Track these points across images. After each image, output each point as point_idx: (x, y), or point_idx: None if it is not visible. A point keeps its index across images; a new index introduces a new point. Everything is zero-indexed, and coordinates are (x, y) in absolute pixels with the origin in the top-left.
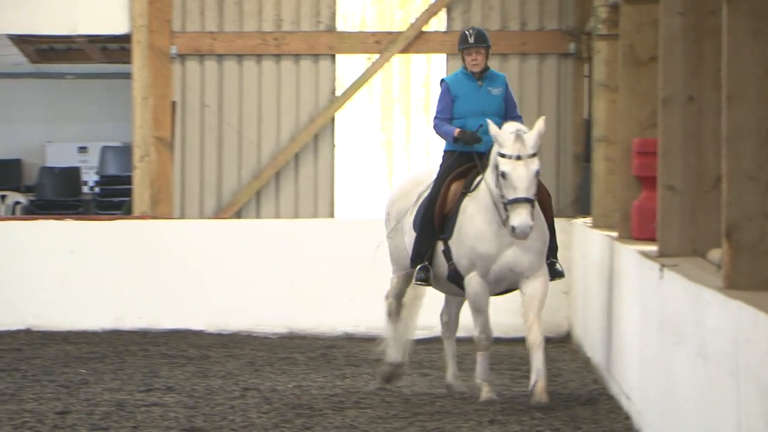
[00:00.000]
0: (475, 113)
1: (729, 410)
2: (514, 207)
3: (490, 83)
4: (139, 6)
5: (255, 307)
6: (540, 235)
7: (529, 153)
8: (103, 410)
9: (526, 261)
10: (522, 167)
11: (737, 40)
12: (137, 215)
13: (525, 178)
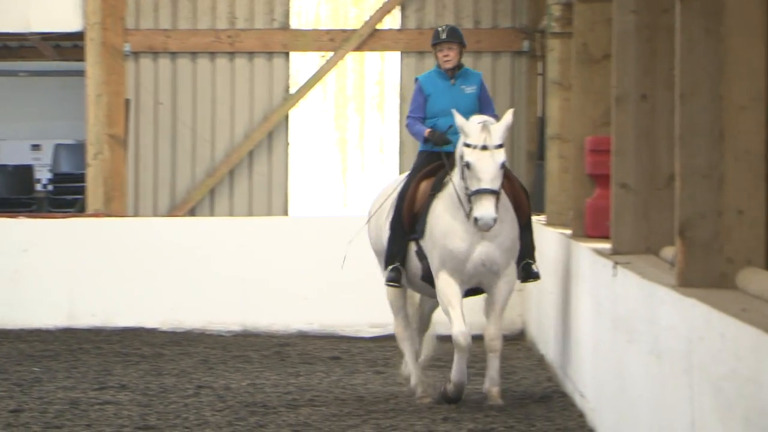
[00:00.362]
0: (447, 112)
1: (683, 408)
2: (478, 198)
3: (464, 81)
4: (93, 3)
5: (209, 305)
6: (510, 231)
7: (495, 143)
8: (57, 408)
9: (497, 257)
10: (487, 158)
11: (690, 38)
12: (91, 213)
13: (490, 168)
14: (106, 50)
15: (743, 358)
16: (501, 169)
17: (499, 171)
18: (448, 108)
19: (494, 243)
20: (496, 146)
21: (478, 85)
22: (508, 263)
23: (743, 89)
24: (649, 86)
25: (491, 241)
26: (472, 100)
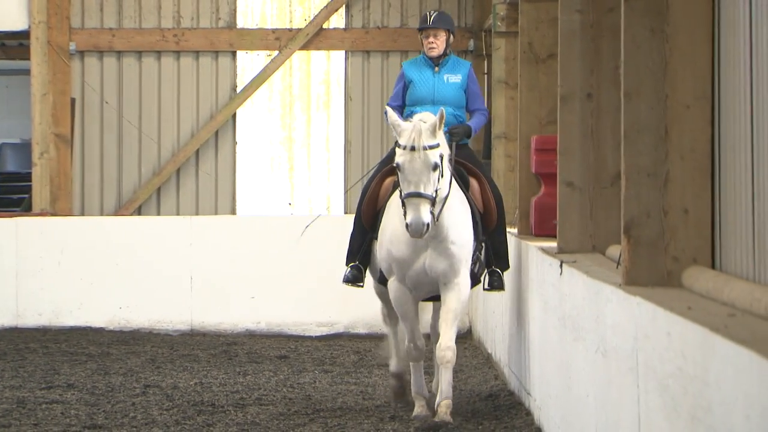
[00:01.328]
0: (426, 101)
1: (629, 405)
2: (409, 202)
3: (449, 70)
4: (38, 2)
5: (156, 305)
6: (457, 237)
7: (425, 144)
8: (4, 408)
9: (441, 266)
10: (417, 159)
11: (635, 37)
12: (37, 212)
13: (419, 171)
14: (51, 49)
15: (689, 356)
16: (433, 171)
17: (430, 173)
18: (427, 97)
19: (438, 250)
20: (427, 147)
21: (464, 75)
22: (456, 271)
23: (688, 88)
24: (594, 85)
25: (435, 248)
26: (454, 90)
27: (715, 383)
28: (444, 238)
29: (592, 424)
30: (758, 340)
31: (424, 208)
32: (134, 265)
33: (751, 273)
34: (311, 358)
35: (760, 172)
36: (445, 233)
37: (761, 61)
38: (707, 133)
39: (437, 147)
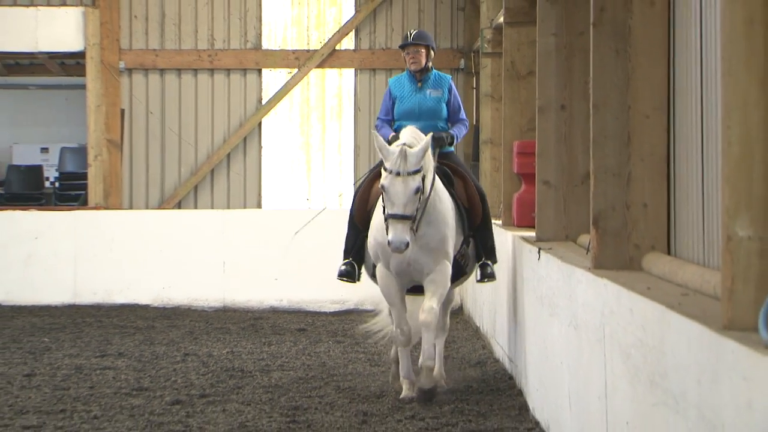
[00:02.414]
0: (412, 116)
1: (597, 372)
2: (391, 222)
3: (431, 86)
4: (92, 27)
5: (193, 285)
6: (436, 233)
7: (409, 170)
8: (64, 373)
9: (423, 259)
10: (400, 184)
11: (602, 57)
12: (92, 206)
13: (402, 194)
14: (103, 67)
15: (648, 329)
16: (415, 194)
17: (412, 197)
18: (412, 111)
19: (419, 243)
20: (410, 172)
21: (445, 89)
22: (436, 261)
23: (647, 100)
24: (567, 98)
25: (420, 239)
26: (436, 104)
27: (671, 353)
28: (425, 235)
29: (566, 387)
30: (707, 316)
31: (404, 228)
32: (175, 251)
33: (701, 258)
34: (326, 331)
35: (709, 172)
36: (426, 231)
37: (710, 77)
38: (664, 139)
39: (419, 172)
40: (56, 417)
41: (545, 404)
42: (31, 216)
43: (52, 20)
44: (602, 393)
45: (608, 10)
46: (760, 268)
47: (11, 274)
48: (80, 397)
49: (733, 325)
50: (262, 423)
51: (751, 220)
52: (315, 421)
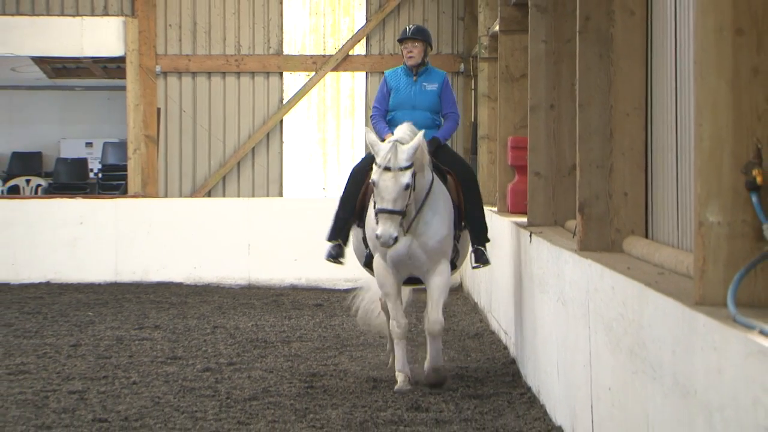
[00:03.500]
0: (406, 107)
1: (582, 342)
2: (380, 217)
3: (426, 79)
4: (132, 34)
5: (222, 265)
6: (435, 232)
7: (399, 166)
8: (106, 343)
9: (422, 257)
10: (390, 179)
11: (587, 61)
12: (131, 195)
13: (391, 190)
14: (142, 71)
15: (628, 305)
16: (405, 190)
17: (402, 192)
18: (407, 103)
19: (418, 241)
20: (401, 168)
21: (440, 83)
22: (437, 261)
23: (627, 100)
24: (556, 98)
25: (416, 238)
26: (431, 97)
27: (648, 326)
28: (424, 234)
29: (554, 356)
30: (681, 293)
31: (393, 223)
32: (205, 235)
33: (675, 241)
34: (340, 306)
35: (682, 164)
36: (426, 230)
37: (683, 79)
38: (642, 135)
39: (411, 167)
40: (99, 383)
41: (536, 372)
42: (76, 203)
43: (96, 29)
44: (587, 362)
45: (592, 19)
46: (728, 250)
47: (59, 256)
48: (120, 365)
49: (704, 301)
50: (283, 388)
51: (720, 207)
52: (330, 387)
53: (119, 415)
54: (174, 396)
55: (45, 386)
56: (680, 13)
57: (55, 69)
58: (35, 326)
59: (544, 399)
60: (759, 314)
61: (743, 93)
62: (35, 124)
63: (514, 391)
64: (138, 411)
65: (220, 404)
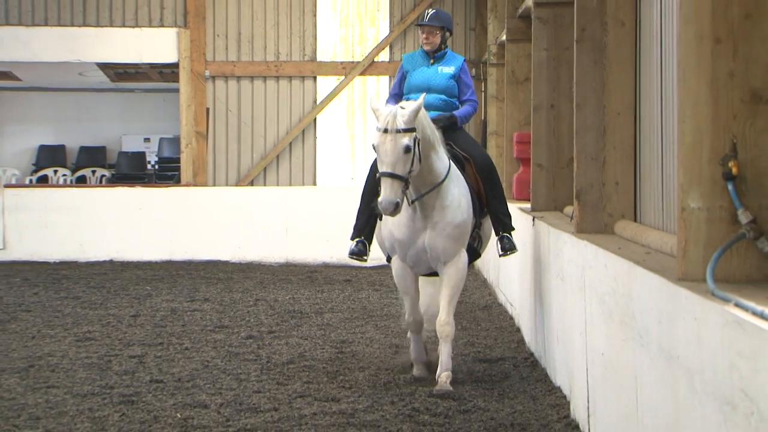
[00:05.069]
0: (421, 88)
1: (578, 314)
2: (383, 181)
3: (444, 63)
4: (184, 43)
5: (263, 245)
6: (452, 218)
7: (398, 128)
8: (161, 314)
9: (440, 245)
10: (389, 141)
11: (583, 67)
12: (184, 183)
13: (390, 152)
14: (193, 75)
15: (619, 280)
16: (404, 153)
17: (401, 155)
18: (422, 85)
19: (437, 231)
20: (399, 130)
21: (457, 67)
22: (454, 250)
23: (618, 101)
24: (555, 99)
25: (434, 229)
26: (446, 79)
27: (637, 298)
28: (441, 221)
29: (554, 325)
30: (665, 269)
31: (395, 188)
32: (248, 218)
33: (661, 224)
34: (367, 281)
35: (667, 157)
36: (443, 217)
37: (667, 82)
38: (631, 131)
39: (412, 131)
40: (156, 348)
41: (537, 338)
42: (136, 191)
43: (153, 38)
44: (583, 330)
45: (588, 30)
46: (707, 233)
47: (121, 237)
48: (174, 332)
49: (686, 277)
50: (316, 353)
51: (700, 195)
52: (357, 352)
53: (173, 376)
54: (221, 360)
55: (108, 351)
56: (665, 24)
57: (117, 74)
58: (100, 299)
59: (545, 363)
60: (734, 289)
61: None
62: (100, 122)
63: (519, 355)
64: (189, 373)
65: (261, 367)
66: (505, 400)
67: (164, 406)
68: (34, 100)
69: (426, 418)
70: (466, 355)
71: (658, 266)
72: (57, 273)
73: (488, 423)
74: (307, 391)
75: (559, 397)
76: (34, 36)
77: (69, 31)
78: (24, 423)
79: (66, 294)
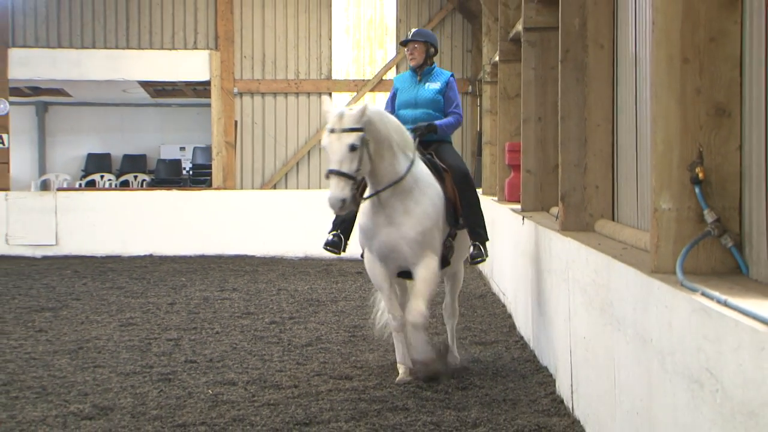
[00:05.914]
0: (408, 104)
1: (563, 303)
2: (330, 178)
3: (431, 79)
4: (215, 64)
5: (284, 241)
6: (416, 224)
7: (343, 127)
8: (195, 302)
9: (404, 248)
10: (335, 141)
11: (566, 84)
12: (215, 187)
13: (336, 150)
14: (223, 92)
15: (599, 272)
16: (350, 152)
17: (346, 154)
18: (409, 101)
19: (399, 232)
20: (344, 129)
21: (443, 82)
22: (420, 253)
23: (598, 114)
24: (542, 112)
25: (397, 228)
26: (432, 94)
27: (615, 289)
28: (404, 224)
29: (542, 311)
30: (639, 263)
31: (340, 185)
32: (272, 218)
33: (635, 223)
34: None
35: (641, 163)
36: (406, 221)
37: (641, 97)
38: (610, 140)
39: (359, 131)
40: (190, 332)
41: (527, 324)
42: (172, 194)
43: (187, 59)
44: (567, 317)
45: (571, 51)
46: (676, 231)
47: (159, 234)
48: (206, 318)
49: (658, 269)
50: (332, 336)
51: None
52: (368, 336)
53: (205, 357)
54: (248, 342)
55: (148, 335)
56: (639, 46)
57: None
58: (141, 289)
59: (533, 345)
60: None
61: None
62: (141, 133)
63: (510, 339)
64: (220, 354)
65: (283, 349)
66: (498, 378)
67: (197, 383)
68: (83, 113)
69: (428, 394)
70: (464, 339)
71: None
72: (103, 266)
73: (483, 398)
74: (324, 370)
75: (545, 376)
76: (83, 57)
77: (114, 53)
78: (74, 398)
79: (111, 284)
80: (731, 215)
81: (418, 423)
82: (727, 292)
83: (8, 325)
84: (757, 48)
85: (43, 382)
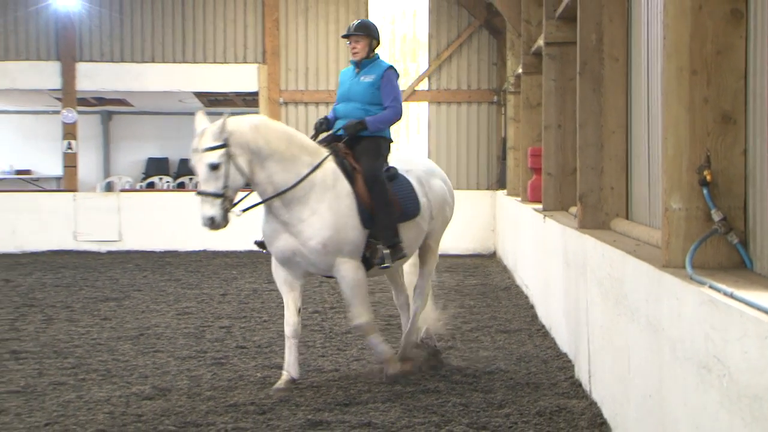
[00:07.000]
0: (342, 99)
1: (581, 295)
2: (198, 198)
3: (367, 72)
4: (263, 76)
5: None
6: (317, 233)
7: (203, 147)
8: (245, 293)
9: (305, 254)
10: (197, 161)
11: (584, 93)
12: None
13: (198, 171)
14: (270, 102)
15: (614, 267)
16: (212, 171)
17: (208, 173)
18: (345, 96)
19: (299, 240)
20: (204, 149)
21: (378, 75)
22: (329, 261)
23: (613, 121)
24: (562, 120)
25: (296, 237)
26: (366, 88)
27: (629, 282)
28: (301, 232)
29: (561, 303)
30: (652, 258)
31: (206, 205)
32: None
33: (648, 222)
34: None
35: (653, 168)
36: (303, 228)
37: (653, 106)
38: (624, 146)
39: (220, 147)
40: (240, 321)
41: (548, 313)
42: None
43: (237, 72)
44: (585, 307)
45: (588, 64)
46: (686, 228)
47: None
48: (255, 308)
49: (669, 264)
50: None
51: (680, 197)
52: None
53: (255, 343)
54: None
55: (202, 323)
56: (651, 59)
57: (209, 100)
58: (196, 281)
59: (554, 333)
60: (708, 274)
61: (697, 116)
62: None
63: (532, 327)
64: (268, 341)
65: (324, 336)
66: (521, 364)
67: (247, 367)
68: (143, 121)
69: (458, 377)
70: (491, 327)
71: (646, 255)
72: (162, 260)
73: (508, 382)
74: (362, 355)
75: (565, 361)
76: (143, 71)
77: (171, 67)
78: (135, 380)
79: (169, 277)
80: (737, 214)
81: (448, 404)
82: (732, 285)
83: (76, 314)
84: (761, 60)
85: (107, 365)
